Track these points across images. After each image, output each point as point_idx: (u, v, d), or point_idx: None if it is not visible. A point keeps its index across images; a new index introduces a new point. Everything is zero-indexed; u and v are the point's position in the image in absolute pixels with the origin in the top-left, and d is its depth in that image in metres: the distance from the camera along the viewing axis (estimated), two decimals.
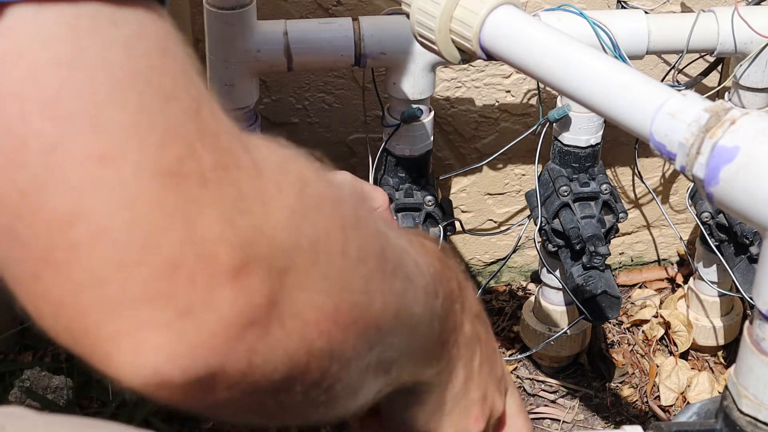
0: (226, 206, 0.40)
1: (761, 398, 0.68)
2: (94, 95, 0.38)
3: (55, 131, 0.37)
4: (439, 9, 0.88)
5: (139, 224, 0.38)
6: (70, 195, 0.37)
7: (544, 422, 1.59)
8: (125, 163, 0.38)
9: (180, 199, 0.39)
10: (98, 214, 0.37)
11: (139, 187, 0.38)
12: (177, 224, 0.38)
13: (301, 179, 0.45)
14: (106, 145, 0.37)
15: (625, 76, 0.75)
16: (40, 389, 1.45)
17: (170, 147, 0.39)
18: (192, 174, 0.39)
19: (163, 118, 0.39)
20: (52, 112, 0.37)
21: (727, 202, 0.65)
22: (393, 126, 1.35)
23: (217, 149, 0.40)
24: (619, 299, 1.38)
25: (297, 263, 0.42)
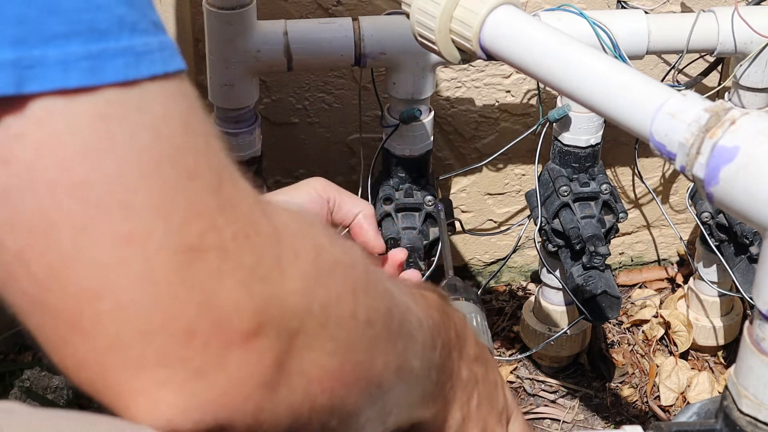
0: (244, 275, 0.43)
1: (761, 398, 0.68)
2: (121, 180, 0.40)
3: (84, 214, 0.40)
4: (439, 9, 0.88)
5: (160, 298, 0.41)
6: (97, 272, 0.40)
7: (544, 422, 1.59)
8: (150, 242, 0.41)
9: (200, 273, 0.42)
10: (123, 290, 0.41)
11: (162, 264, 0.41)
12: (196, 296, 0.42)
13: (317, 245, 0.48)
14: (132, 226, 0.41)
15: (625, 76, 0.75)
16: (40, 389, 1.45)
17: (193, 224, 0.42)
18: (213, 246, 0.42)
19: (186, 197, 0.42)
20: (82, 196, 0.40)
21: (727, 202, 0.65)
22: (392, 126, 1.35)
23: (239, 219, 0.43)
24: (619, 299, 1.38)
25: (307, 326, 0.45)
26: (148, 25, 0.42)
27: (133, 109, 0.41)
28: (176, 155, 0.42)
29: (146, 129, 0.41)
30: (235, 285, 0.43)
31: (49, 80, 0.39)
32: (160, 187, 0.41)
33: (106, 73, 0.40)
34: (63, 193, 0.40)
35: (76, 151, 0.40)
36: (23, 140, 0.39)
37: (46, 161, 0.40)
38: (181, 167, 0.42)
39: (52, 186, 0.40)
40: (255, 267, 0.43)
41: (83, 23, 0.40)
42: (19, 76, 0.39)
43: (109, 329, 0.41)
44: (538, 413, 1.60)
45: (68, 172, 0.40)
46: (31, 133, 0.39)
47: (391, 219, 1.37)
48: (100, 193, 0.40)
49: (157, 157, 0.41)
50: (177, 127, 0.42)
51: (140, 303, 0.41)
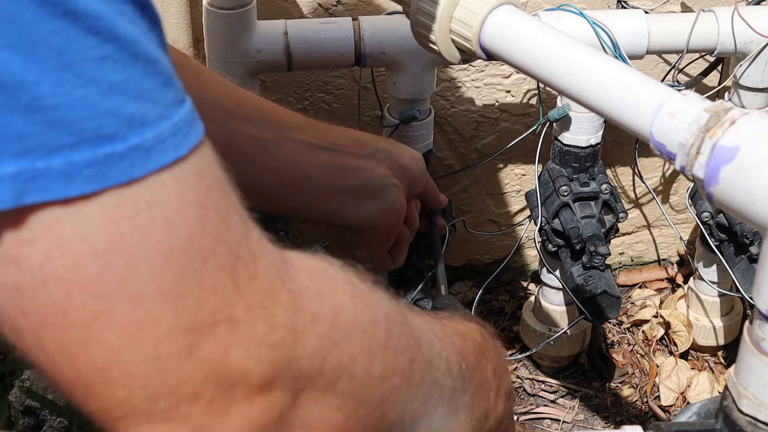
0: (254, 343, 0.44)
1: (761, 398, 0.68)
2: (132, 276, 0.42)
3: (95, 307, 0.42)
4: (439, 9, 0.88)
5: (168, 372, 0.43)
6: (107, 353, 0.42)
7: (544, 422, 1.59)
8: (159, 327, 0.42)
9: (209, 348, 0.43)
10: (132, 365, 0.43)
11: (170, 345, 0.43)
12: (204, 368, 0.43)
13: (335, 307, 0.49)
14: (141, 314, 0.42)
15: (625, 76, 0.75)
16: (40, 389, 1.45)
17: (205, 304, 0.43)
18: (224, 321, 0.44)
19: (200, 280, 0.43)
20: (92, 293, 0.41)
21: (727, 202, 0.65)
22: (392, 126, 1.35)
23: (255, 292, 0.45)
24: (619, 299, 1.38)
25: (315, 384, 0.47)
26: (162, 110, 0.42)
27: (143, 207, 0.42)
28: (190, 242, 0.43)
29: (158, 224, 0.42)
30: (244, 353, 0.44)
31: (51, 191, 0.40)
32: (173, 275, 0.42)
33: (109, 177, 0.40)
34: (74, 290, 0.41)
35: (85, 253, 0.41)
36: (33, 245, 0.40)
37: (56, 263, 0.41)
38: (194, 252, 0.43)
39: (64, 283, 0.41)
40: (267, 335, 0.45)
41: (89, 131, 0.40)
42: (20, 188, 0.39)
43: (118, 393, 0.43)
44: (538, 413, 1.60)
45: (79, 272, 0.41)
46: (40, 238, 0.40)
47: None
48: (110, 289, 0.42)
49: (169, 249, 0.42)
50: (191, 214, 0.43)
51: (148, 376, 0.43)
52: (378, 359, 0.51)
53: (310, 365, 0.47)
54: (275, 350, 0.45)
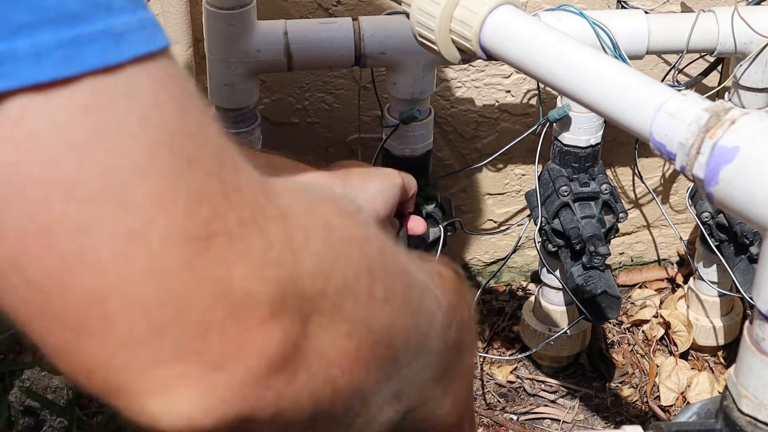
0: (254, 260, 0.41)
1: (761, 398, 0.68)
2: (115, 174, 0.37)
3: (79, 214, 0.37)
4: (439, 9, 0.88)
5: (171, 292, 0.39)
6: (101, 272, 0.38)
7: (544, 422, 1.59)
8: (153, 235, 0.38)
9: (209, 262, 0.39)
10: (131, 287, 0.38)
11: (168, 256, 0.38)
12: (208, 286, 0.39)
13: (327, 224, 0.45)
14: (132, 221, 0.38)
15: (625, 76, 0.74)
16: (40, 389, 1.45)
17: (196, 212, 0.39)
18: (219, 234, 0.40)
19: (187, 184, 0.39)
20: (74, 196, 0.37)
21: (727, 202, 0.65)
22: (392, 126, 1.35)
23: (243, 204, 0.41)
24: (619, 299, 1.38)
25: (322, 308, 0.43)
26: (125, 2, 0.39)
27: (119, 97, 0.38)
28: (172, 141, 0.39)
29: (135, 117, 0.38)
30: (247, 272, 0.40)
31: (21, 76, 0.36)
32: (157, 177, 0.38)
33: (83, 60, 0.37)
34: (53, 194, 0.37)
35: (61, 148, 0.37)
36: (1, 142, 0.36)
37: (30, 162, 0.37)
38: (178, 152, 0.39)
39: (41, 187, 0.37)
40: (265, 251, 0.41)
41: (51, 9, 0.36)
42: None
43: (119, 329, 0.39)
44: (538, 413, 1.60)
45: (56, 171, 0.37)
46: (9, 133, 0.36)
47: None
48: (93, 190, 0.37)
49: (151, 146, 0.38)
50: (170, 111, 0.39)
51: (150, 299, 0.38)
52: (378, 279, 0.47)
53: (313, 285, 0.43)
54: (277, 268, 0.41)
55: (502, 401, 1.61)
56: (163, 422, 0.40)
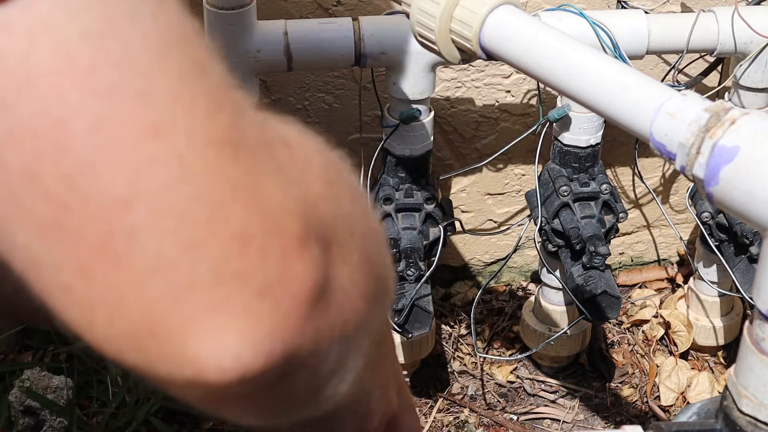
0: (278, 176, 0.37)
1: (761, 398, 0.69)
2: (132, 64, 0.34)
3: (97, 106, 0.34)
4: (439, 9, 0.88)
5: (202, 198, 0.35)
6: (124, 174, 0.34)
7: (544, 422, 1.59)
8: (178, 133, 0.34)
9: (239, 168, 0.36)
10: (158, 191, 0.34)
11: (196, 157, 0.35)
12: (241, 195, 0.35)
13: (319, 151, 0.42)
14: (155, 116, 0.34)
15: (625, 76, 0.75)
16: (40, 389, 1.45)
17: (217, 116, 0.36)
18: (242, 143, 0.36)
19: (203, 89, 0.36)
20: (90, 86, 0.34)
21: (727, 202, 0.65)
22: (392, 126, 1.35)
23: (254, 122, 0.38)
24: (619, 299, 1.38)
25: (338, 235, 0.40)
26: None
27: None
28: (183, 45, 0.36)
29: (148, 16, 0.35)
30: (275, 185, 0.36)
31: None
32: (175, 74, 0.35)
33: None
34: (68, 85, 0.33)
35: (74, 35, 0.34)
36: (11, 30, 0.33)
37: (43, 50, 0.33)
38: (191, 58, 0.36)
39: (54, 78, 0.33)
40: (283, 169, 0.37)
41: None
42: None
43: (147, 246, 0.34)
44: (538, 413, 1.60)
45: (70, 60, 0.34)
46: (20, 20, 0.33)
47: (391, 219, 1.37)
48: (110, 80, 0.34)
49: (165, 43, 0.35)
50: (176, 20, 0.36)
51: (179, 206, 0.34)
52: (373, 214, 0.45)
53: (329, 209, 0.40)
54: (296, 187, 0.38)
55: (502, 401, 1.61)
56: (208, 365, 0.35)
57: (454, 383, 1.63)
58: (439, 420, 1.57)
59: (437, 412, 1.58)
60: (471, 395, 1.61)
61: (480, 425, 1.57)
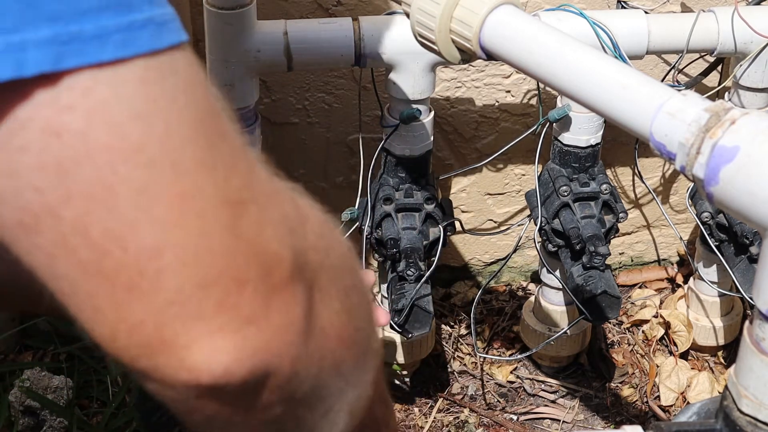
0: (278, 227, 0.46)
1: (761, 398, 0.69)
2: (171, 140, 0.42)
3: (141, 176, 0.41)
4: (439, 9, 0.88)
5: (216, 250, 0.43)
6: (157, 229, 0.42)
7: (544, 422, 1.59)
8: (201, 198, 0.43)
9: (245, 224, 0.44)
10: (183, 244, 0.42)
11: (214, 218, 0.43)
12: (244, 247, 0.44)
13: (314, 208, 0.51)
14: (184, 184, 0.42)
15: (625, 76, 0.75)
16: (40, 389, 1.45)
17: (232, 179, 0.44)
18: (249, 200, 0.45)
19: (222, 154, 0.44)
20: (136, 160, 0.41)
21: (727, 202, 0.65)
22: (392, 126, 1.35)
23: (263, 179, 0.46)
24: (619, 299, 1.38)
25: (321, 281, 0.48)
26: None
27: (167, 74, 0.42)
28: (208, 116, 0.44)
29: (181, 91, 0.43)
30: (273, 236, 0.45)
31: (88, 55, 0.40)
32: (203, 145, 0.43)
33: (137, 44, 0.41)
34: (119, 158, 0.41)
35: (125, 117, 0.41)
36: (73, 111, 0.40)
37: (99, 129, 0.41)
38: (214, 127, 0.44)
39: (108, 152, 0.41)
40: (284, 221, 0.46)
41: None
42: (57, 53, 0.40)
43: (170, 284, 0.42)
44: (538, 413, 1.60)
45: (121, 138, 0.41)
46: (80, 103, 0.40)
47: (391, 219, 1.37)
48: (153, 155, 0.41)
49: (195, 117, 0.43)
50: (201, 91, 0.44)
51: (199, 255, 0.43)
52: (356, 267, 0.54)
53: (315, 258, 0.48)
54: (292, 237, 0.46)
55: (502, 401, 1.61)
56: (203, 372, 0.43)
57: (454, 383, 1.63)
58: (439, 420, 1.57)
59: (437, 412, 1.58)
60: (471, 395, 1.61)
61: (480, 425, 1.57)
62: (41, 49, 0.39)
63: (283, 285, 0.45)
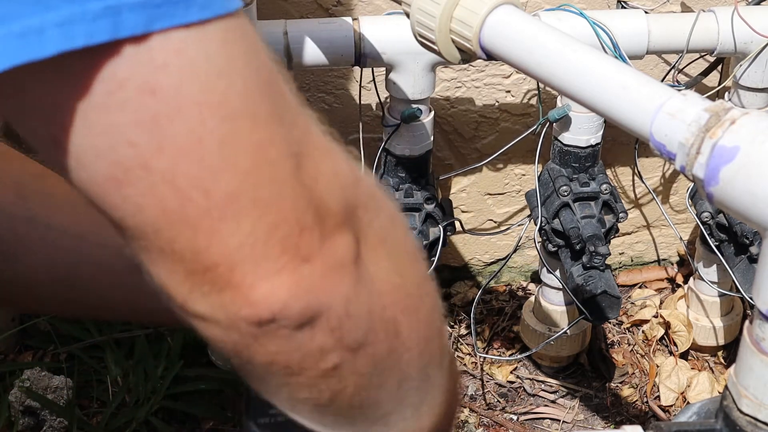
0: (330, 178, 0.50)
1: (761, 398, 0.69)
2: (249, 95, 0.46)
3: (225, 128, 0.45)
4: (439, 9, 0.88)
5: (284, 195, 0.47)
6: (236, 176, 0.46)
7: (544, 422, 1.59)
8: (273, 147, 0.47)
9: (305, 174, 0.48)
10: (258, 189, 0.46)
11: (282, 165, 0.47)
12: (305, 193, 0.48)
13: (367, 172, 0.55)
14: (260, 135, 0.46)
15: (625, 76, 0.75)
16: (40, 389, 1.45)
17: (292, 132, 0.48)
18: (306, 153, 0.49)
19: (283, 109, 0.48)
20: (222, 113, 0.45)
21: (727, 202, 0.65)
22: (393, 126, 1.35)
23: (315, 134, 0.50)
24: (619, 299, 1.38)
25: (369, 239, 0.52)
26: None
27: (240, 36, 0.46)
28: (273, 75, 0.48)
29: (252, 52, 0.47)
30: (326, 186, 0.49)
31: (177, 16, 0.43)
32: (272, 101, 0.47)
33: (215, 7, 0.45)
34: (207, 113, 0.44)
35: (212, 74, 0.45)
36: (167, 70, 0.44)
37: (190, 86, 0.44)
38: (277, 86, 0.48)
39: (198, 107, 0.44)
40: (335, 177, 0.50)
41: None
42: (149, 15, 0.43)
43: (244, 227, 0.46)
44: (538, 413, 1.60)
45: (209, 93, 0.45)
46: (173, 62, 0.44)
47: None
48: (235, 109, 0.45)
49: (264, 75, 0.47)
50: (264, 52, 0.48)
51: (270, 200, 0.47)
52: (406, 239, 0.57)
53: (365, 216, 0.52)
54: (343, 191, 0.50)
55: (502, 401, 1.61)
56: (263, 306, 0.47)
57: None
58: None
59: None
60: (471, 395, 1.61)
61: (480, 425, 1.57)
62: (135, 12, 0.42)
63: (333, 231, 0.49)
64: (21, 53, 0.41)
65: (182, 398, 1.51)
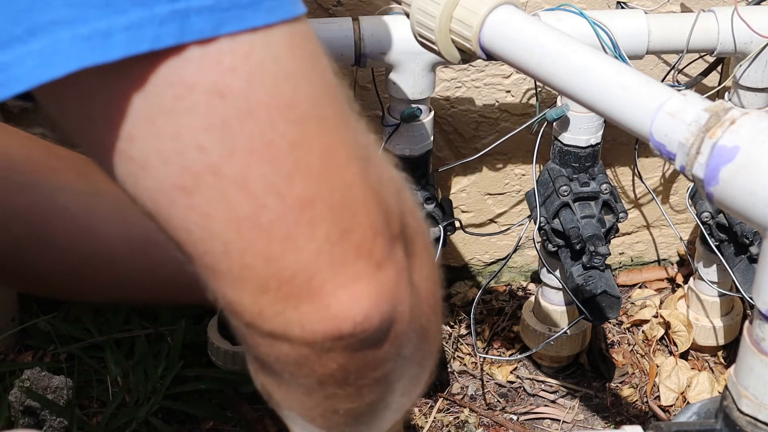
0: (390, 185, 0.49)
1: (761, 398, 0.69)
2: (316, 98, 0.46)
3: (295, 131, 0.44)
4: (439, 9, 0.88)
5: (355, 199, 0.46)
6: (310, 180, 0.45)
7: (544, 422, 1.59)
8: (342, 150, 0.46)
9: (372, 178, 0.48)
10: (330, 193, 0.46)
11: (352, 169, 0.46)
12: (375, 198, 0.47)
13: (405, 179, 0.54)
14: (330, 138, 0.46)
15: (625, 76, 0.75)
16: (40, 389, 1.45)
17: (358, 134, 0.48)
18: (369, 157, 0.48)
19: (348, 114, 0.48)
20: (291, 116, 0.44)
21: (727, 202, 0.65)
22: (393, 126, 1.35)
23: (369, 142, 0.50)
24: (619, 299, 1.38)
25: (416, 245, 0.51)
26: None
27: (304, 40, 0.46)
28: (334, 80, 0.48)
29: (316, 56, 0.47)
30: (387, 192, 0.49)
31: (245, 20, 0.43)
32: (337, 105, 0.47)
33: (281, 11, 0.45)
34: (277, 116, 0.44)
35: (279, 77, 0.44)
36: (236, 73, 0.43)
37: (259, 89, 0.43)
38: (338, 91, 0.48)
39: (268, 110, 0.44)
40: (392, 181, 0.50)
41: None
42: (217, 19, 0.42)
43: (320, 233, 0.45)
44: (538, 413, 1.60)
45: (278, 96, 0.44)
46: (241, 65, 0.43)
47: None
48: (304, 112, 0.45)
49: (328, 79, 0.47)
50: (325, 58, 0.48)
51: (345, 204, 0.46)
52: (430, 237, 0.58)
53: (412, 222, 0.51)
54: (398, 196, 0.50)
55: (502, 401, 1.61)
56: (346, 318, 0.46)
57: (454, 383, 1.63)
58: (439, 420, 1.57)
59: (437, 412, 1.58)
60: (471, 395, 1.61)
61: (480, 425, 1.57)
62: (203, 15, 0.42)
63: (397, 236, 0.49)
64: (86, 56, 0.40)
65: (182, 398, 1.51)
